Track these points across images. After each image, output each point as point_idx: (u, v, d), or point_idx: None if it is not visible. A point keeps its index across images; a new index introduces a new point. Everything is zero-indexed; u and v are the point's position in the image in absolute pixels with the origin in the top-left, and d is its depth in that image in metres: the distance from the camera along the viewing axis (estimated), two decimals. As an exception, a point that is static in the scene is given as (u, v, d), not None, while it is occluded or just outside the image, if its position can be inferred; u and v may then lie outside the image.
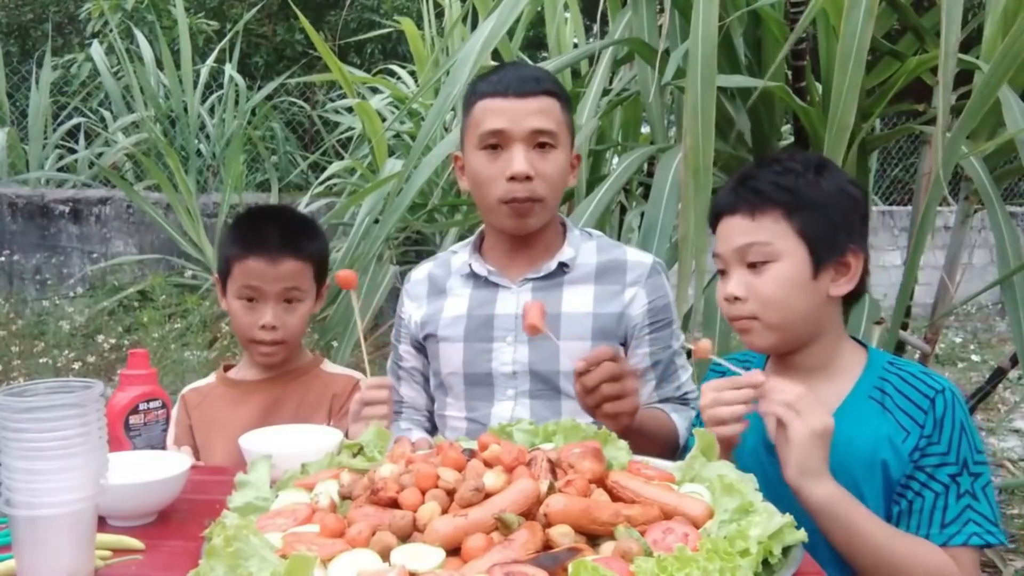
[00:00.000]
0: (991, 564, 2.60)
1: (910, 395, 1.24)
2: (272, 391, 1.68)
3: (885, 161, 8.14)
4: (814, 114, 1.92)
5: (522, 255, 1.59)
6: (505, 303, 1.57)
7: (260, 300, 1.62)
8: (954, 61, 1.48)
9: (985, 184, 1.89)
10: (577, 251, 1.60)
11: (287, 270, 1.62)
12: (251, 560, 0.84)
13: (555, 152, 1.52)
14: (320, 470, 1.14)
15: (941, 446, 1.20)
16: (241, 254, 1.62)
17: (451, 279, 1.65)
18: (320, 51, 4.00)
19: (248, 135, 6.19)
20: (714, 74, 1.68)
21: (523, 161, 1.48)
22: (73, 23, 7.77)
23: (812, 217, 1.25)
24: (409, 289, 1.70)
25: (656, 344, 1.57)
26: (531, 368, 1.53)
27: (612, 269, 1.59)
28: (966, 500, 1.18)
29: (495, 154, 1.51)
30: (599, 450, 1.07)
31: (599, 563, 0.80)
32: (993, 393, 2.64)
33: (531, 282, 1.58)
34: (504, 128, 1.49)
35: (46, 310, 5.15)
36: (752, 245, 1.26)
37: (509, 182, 1.49)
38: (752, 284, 1.26)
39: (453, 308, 1.61)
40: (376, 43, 7.65)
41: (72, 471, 0.92)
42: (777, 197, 1.25)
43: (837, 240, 1.26)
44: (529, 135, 1.49)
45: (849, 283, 1.28)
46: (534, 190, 1.49)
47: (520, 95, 1.49)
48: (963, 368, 5.42)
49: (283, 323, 1.63)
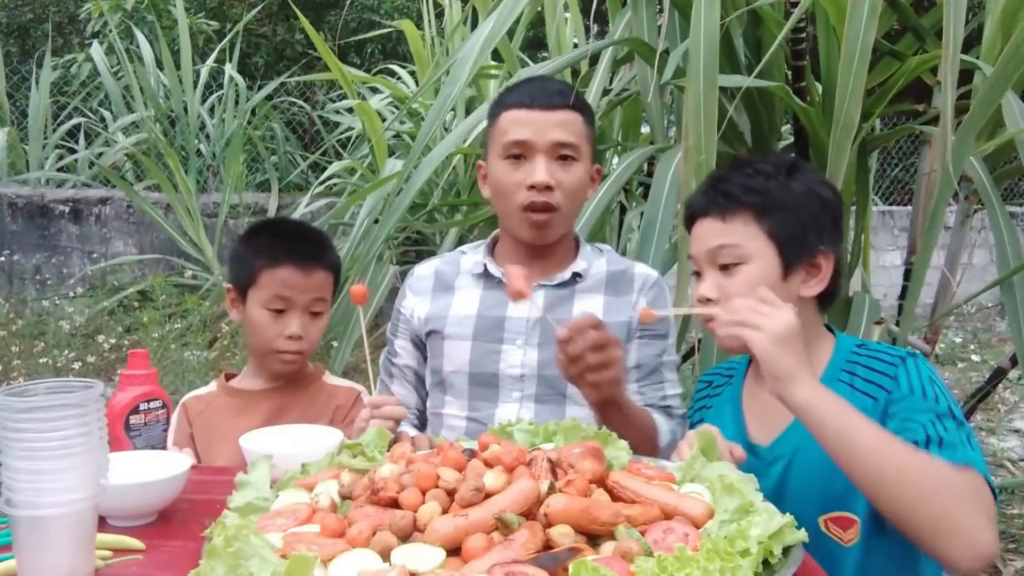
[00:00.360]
0: (991, 564, 2.60)
1: (876, 367, 1.25)
2: (276, 401, 1.68)
3: (885, 161, 8.15)
4: (814, 114, 1.92)
5: (536, 265, 1.59)
6: (518, 307, 1.57)
7: (288, 310, 1.62)
8: (956, 61, 1.48)
9: (985, 184, 1.89)
10: (589, 263, 1.63)
11: (318, 280, 1.64)
12: (251, 560, 0.84)
13: (576, 164, 1.55)
14: (320, 470, 1.14)
15: (915, 396, 1.19)
16: (272, 264, 1.62)
17: (460, 277, 1.66)
18: (320, 51, 4.00)
19: (248, 135, 6.19)
20: (715, 73, 1.69)
21: (544, 171, 1.52)
22: (73, 23, 7.77)
23: (781, 219, 1.26)
24: (412, 283, 1.70)
25: (644, 349, 1.59)
26: (539, 372, 1.54)
27: (620, 280, 1.62)
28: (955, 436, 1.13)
29: (518, 164, 1.55)
30: (599, 450, 1.07)
31: (599, 563, 0.80)
32: (993, 393, 2.64)
33: (544, 289, 1.59)
34: (528, 139, 1.53)
35: (46, 310, 5.15)
36: (723, 247, 1.28)
37: (529, 190, 1.53)
38: (724, 286, 1.28)
39: (462, 307, 1.62)
40: (376, 43, 7.65)
41: (72, 471, 0.92)
42: (747, 200, 1.27)
43: (807, 242, 1.27)
44: (552, 147, 1.53)
45: (819, 284, 1.29)
46: (553, 199, 1.53)
47: (545, 107, 1.53)
48: (963, 368, 5.42)
49: (307, 333, 1.64)
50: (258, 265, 1.63)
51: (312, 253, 1.65)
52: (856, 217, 2.14)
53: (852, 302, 1.90)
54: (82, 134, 6.57)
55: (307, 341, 1.64)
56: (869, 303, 1.87)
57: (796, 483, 1.24)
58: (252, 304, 1.64)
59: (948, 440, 1.12)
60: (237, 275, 1.69)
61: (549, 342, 1.51)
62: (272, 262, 1.62)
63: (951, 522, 1.04)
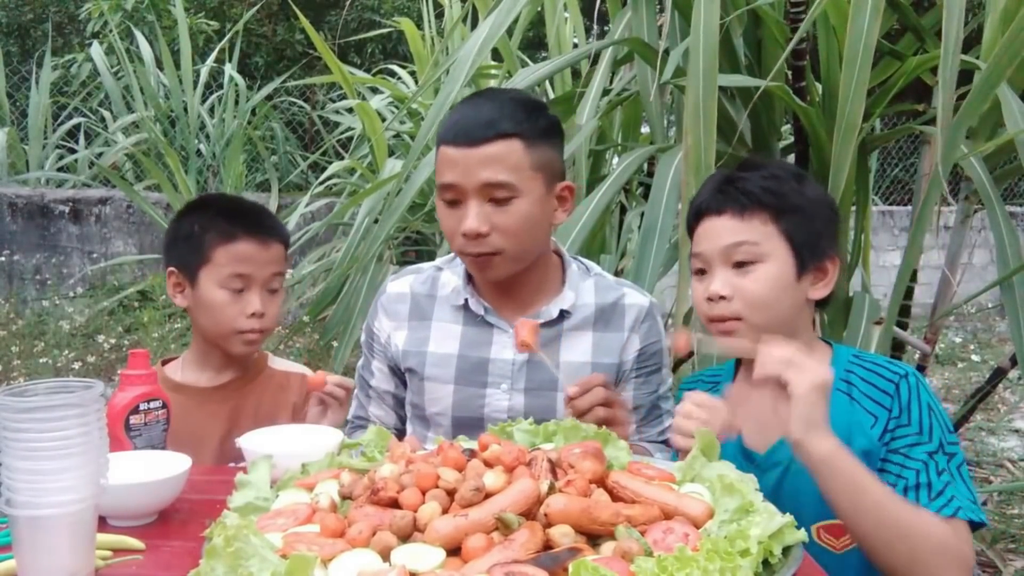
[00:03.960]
0: (991, 564, 2.60)
1: (875, 382, 1.27)
2: (230, 400, 1.62)
3: (885, 161, 8.14)
4: (814, 114, 1.92)
5: (513, 296, 1.50)
6: (502, 347, 1.49)
7: (247, 288, 1.55)
8: (956, 59, 1.48)
9: (985, 184, 1.89)
10: (576, 292, 1.51)
11: (276, 253, 1.58)
12: (251, 560, 0.84)
13: (516, 202, 1.38)
14: (320, 470, 1.14)
15: (912, 427, 1.22)
16: (227, 239, 1.54)
17: (438, 306, 1.54)
18: (320, 51, 4.00)
19: (248, 135, 6.19)
20: (715, 72, 1.69)
21: (474, 218, 1.37)
22: (73, 23, 7.77)
23: (798, 221, 1.28)
24: (385, 304, 1.57)
25: (641, 388, 1.54)
26: (526, 416, 1.44)
27: (610, 314, 1.52)
28: (946, 478, 1.19)
29: (453, 208, 1.41)
30: (599, 450, 1.07)
31: (599, 563, 0.80)
32: (993, 393, 2.64)
33: None
34: (455, 182, 1.38)
35: (46, 310, 5.15)
36: (741, 244, 1.27)
37: (463, 238, 1.39)
38: (738, 284, 1.27)
39: (442, 344, 1.51)
40: (376, 43, 7.65)
41: (72, 471, 0.92)
42: (765, 200, 1.28)
43: (819, 245, 1.29)
44: (481, 188, 1.37)
45: (826, 288, 1.31)
46: (490, 245, 1.39)
47: (470, 143, 1.37)
48: (963, 368, 5.42)
49: (267, 311, 1.57)
50: (211, 241, 1.55)
51: (266, 225, 1.58)
52: (856, 217, 2.13)
53: (852, 302, 1.90)
54: (82, 134, 6.58)
55: (268, 318, 1.57)
56: (869, 303, 1.87)
57: (791, 490, 1.24)
58: (207, 284, 1.55)
59: (937, 486, 1.18)
60: (183, 256, 1.58)
61: (536, 387, 1.47)
62: (227, 237, 1.54)
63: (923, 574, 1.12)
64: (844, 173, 1.68)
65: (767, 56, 2.18)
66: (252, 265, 1.55)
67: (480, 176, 1.36)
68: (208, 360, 1.63)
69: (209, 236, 1.55)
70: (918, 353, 2.31)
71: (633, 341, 1.52)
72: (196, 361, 1.65)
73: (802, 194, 1.30)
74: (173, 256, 1.60)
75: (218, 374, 1.64)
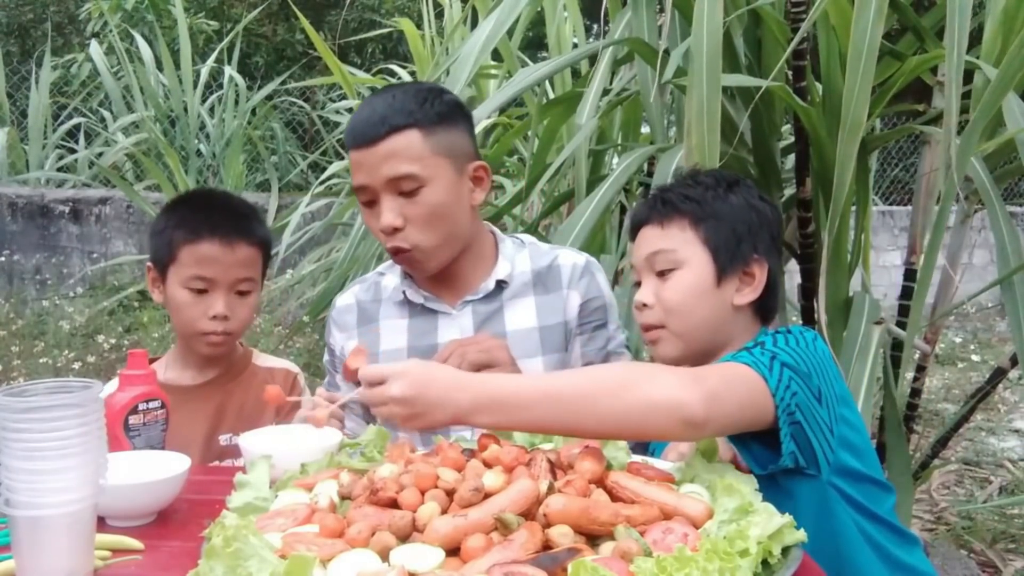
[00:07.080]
0: (991, 564, 2.60)
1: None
2: (213, 398, 1.60)
3: (885, 161, 8.15)
4: (814, 114, 1.92)
5: (450, 280, 1.51)
6: (447, 330, 1.49)
7: (211, 289, 1.51)
8: (961, 60, 1.48)
9: (985, 184, 1.89)
10: (512, 263, 1.53)
11: (243, 256, 1.53)
12: (250, 560, 0.84)
13: (425, 190, 1.39)
14: (320, 470, 1.14)
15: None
16: (191, 238, 1.50)
17: (383, 307, 1.56)
18: (320, 51, 4.01)
19: (248, 135, 6.19)
20: (719, 72, 1.68)
21: (387, 212, 1.39)
22: (73, 23, 7.77)
23: (716, 226, 1.30)
24: (336, 317, 1.59)
25: (588, 345, 1.53)
26: None
27: (546, 276, 1.53)
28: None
29: (371, 208, 1.43)
30: (599, 450, 1.07)
31: (599, 563, 0.80)
32: (993, 393, 2.64)
33: (470, 304, 1.51)
34: (365, 183, 1.40)
35: (46, 310, 5.15)
36: (659, 253, 1.31)
37: (384, 235, 1.41)
38: (659, 292, 1.30)
39: (392, 341, 1.52)
40: (376, 43, 7.65)
41: (72, 471, 0.92)
42: (684, 207, 1.31)
43: (740, 250, 1.30)
44: (388, 184, 1.39)
45: (752, 293, 1.31)
46: (407, 240, 1.41)
47: (368, 143, 1.38)
48: (963, 368, 5.42)
49: (234, 314, 1.53)
50: (177, 240, 1.52)
51: (237, 226, 1.53)
52: (856, 217, 2.13)
53: (852, 302, 1.90)
54: (82, 134, 6.57)
55: (235, 321, 1.54)
56: (869, 303, 1.87)
57: None
58: (172, 283, 1.53)
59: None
60: (157, 251, 1.56)
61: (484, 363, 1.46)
62: (192, 237, 1.51)
63: (646, 402, 0.99)
64: (848, 173, 1.68)
65: (767, 56, 2.17)
66: (215, 267, 1.51)
67: (383, 172, 1.38)
68: (189, 358, 1.62)
69: (176, 234, 1.53)
70: (918, 353, 2.31)
71: (573, 297, 1.52)
72: (178, 359, 1.64)
73: (725, 200, 1.32)
74: (151, 251, 1.60)
75: (200, 372, 1.62)
